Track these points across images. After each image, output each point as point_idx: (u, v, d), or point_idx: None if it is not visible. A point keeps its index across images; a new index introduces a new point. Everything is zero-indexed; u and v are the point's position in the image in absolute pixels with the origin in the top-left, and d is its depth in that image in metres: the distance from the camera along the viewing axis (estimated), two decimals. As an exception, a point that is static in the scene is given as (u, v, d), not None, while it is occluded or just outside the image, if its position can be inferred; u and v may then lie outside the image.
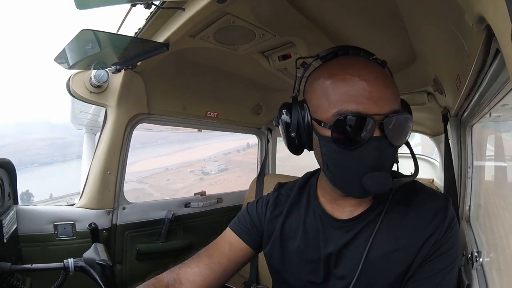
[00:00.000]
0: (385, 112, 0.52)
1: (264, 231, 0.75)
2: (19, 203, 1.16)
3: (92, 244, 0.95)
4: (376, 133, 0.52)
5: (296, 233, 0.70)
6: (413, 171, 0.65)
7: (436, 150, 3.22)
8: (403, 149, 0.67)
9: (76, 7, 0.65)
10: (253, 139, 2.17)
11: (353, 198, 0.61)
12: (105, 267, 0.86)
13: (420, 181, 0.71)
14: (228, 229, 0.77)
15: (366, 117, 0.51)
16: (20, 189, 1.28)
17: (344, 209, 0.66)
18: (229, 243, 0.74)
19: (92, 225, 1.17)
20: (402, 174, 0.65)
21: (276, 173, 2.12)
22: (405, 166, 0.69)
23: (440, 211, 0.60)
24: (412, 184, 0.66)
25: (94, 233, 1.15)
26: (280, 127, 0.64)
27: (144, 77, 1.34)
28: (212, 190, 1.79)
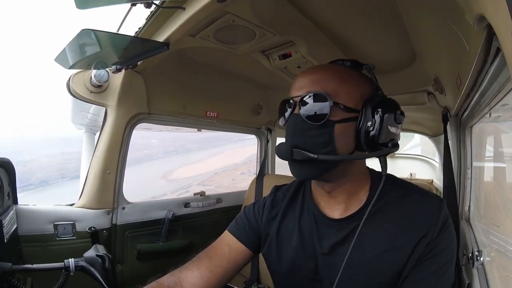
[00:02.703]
0: (300, 94, 0.62)
1: (261, 232, 0.76)
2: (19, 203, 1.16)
3: (93, 245, 0.96)
4: (296, 111, 0.62)
5: (292, 233, 0.71)
6: (412, 172, 0.66)
7: (437, 153, 3.24)
8: (401, 150, 0.66)
9: (76, 6, 0.66)
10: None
11: (324, 190, 0.67)
12: (105, 260, 0.86)
13: (420, 182, 0.71)
14: (226, 231, 0.78)
15: (288, 98, 0.65)
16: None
17: (333, 207, 0.67)
18: (228, 245, 0.75)
19: (92, 229, 1.17)
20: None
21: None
22: (405, 167, 0.69)
23: (433, 211, 0.60)
24: (405, 185, 0.67)
25: (94, 237, 1.15)
26: None
27: (145, 77, 1.34)
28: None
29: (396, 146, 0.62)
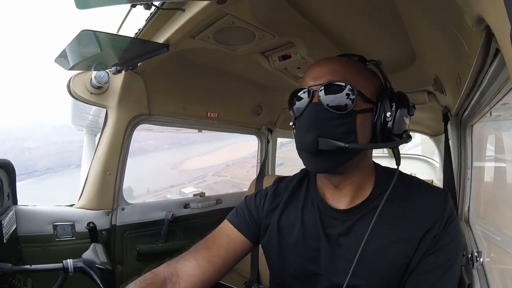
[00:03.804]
0: (319, 83, 0.61)
1: (261, 223, 0.75)
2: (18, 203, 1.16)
3: (91, 244, 0.95)
4: (315, 100, 0.61)
5: (294, 223, 0.70)
6: (413, 172, 0.66)
7: (436, 151, 3.25)
8: (402, 150, 0.67)
9: (76, 7, 0.66)
10: (282, 138, 2.17)
11: (331, 183, 0.67)
12: (104, 271, 0.85)
13: None
14: (226, 221, 0.78)
15: (304, 87, 0.63)
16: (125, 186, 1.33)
17: (339, 199, 0.67)
18: (228, 235, 0.74)
19: (91, 225, 1.17)
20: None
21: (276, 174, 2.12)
22: (405, 167, 0.69)
23: (438, 204, 0.61)
24: (410, 179, 0.67)
25: (93, 233, 1.14)
26: None
27: (145, 78, 1.34)
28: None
29: (410, 137, 0.63)
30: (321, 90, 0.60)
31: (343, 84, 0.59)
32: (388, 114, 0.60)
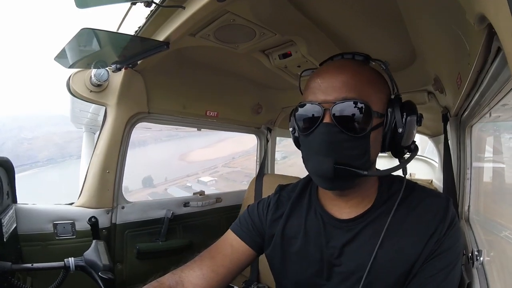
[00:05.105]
0: (332, 99, 0.56)
1: (265, 233, 0.75)
2: (18, 202, 1.16)
3: (93, 241, 0.95)
4: (327, 120, 0.56)
5: (298, 234, 0.70)
6: (412, 172, 0.65)
7: (427, 148, 3.27)
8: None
9: (76, 5, 0.66)
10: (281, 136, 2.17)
11: (330, 191, 0.65)
12: (110, 280, 0.84)
13: (419, 182, 0.71)
14: (229, 231, 0.77)
15: (314, 103, 0.57)
16: (143, 175, 1.33)
17: (342, 209, 0.66)
18: (231, 245, 0.74)
19: (92, 220, 1.16)
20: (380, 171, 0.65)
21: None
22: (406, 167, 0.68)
23: (441, 209, 0.61)
24: (412, 185, 0.66)
25: (95, 228, 1.14)
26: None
27: (144, 76, 1.34)
28: (292, 170, 1.87)
29: (417, 148, 0.62)
30: (334, 108, 0.55)
31: (359, 104, 0.55)
32: (400, 130, 0.58)
